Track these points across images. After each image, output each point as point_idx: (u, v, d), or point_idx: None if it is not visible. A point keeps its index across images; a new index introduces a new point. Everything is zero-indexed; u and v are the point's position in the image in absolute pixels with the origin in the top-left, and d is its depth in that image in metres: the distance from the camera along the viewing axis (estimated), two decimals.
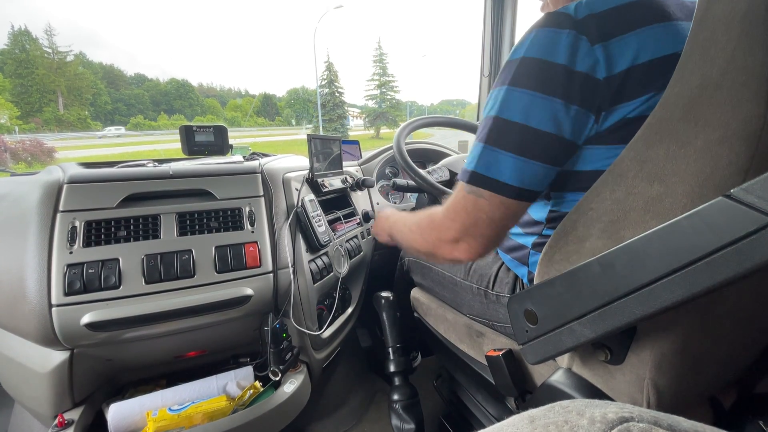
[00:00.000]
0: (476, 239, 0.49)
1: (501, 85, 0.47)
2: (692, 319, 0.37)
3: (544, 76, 0.43)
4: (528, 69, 0.44)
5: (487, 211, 0.47)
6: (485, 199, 0.47)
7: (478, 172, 0.47)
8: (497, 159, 0.46)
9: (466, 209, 0.49)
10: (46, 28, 34.13)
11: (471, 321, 0.73)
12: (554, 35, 0.43)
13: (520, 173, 0.45)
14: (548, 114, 0.43)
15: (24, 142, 11.77)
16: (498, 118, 0.46)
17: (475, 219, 0.48)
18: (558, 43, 0.43)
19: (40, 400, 0.68)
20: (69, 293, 0.63)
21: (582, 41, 0.42)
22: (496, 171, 0.46)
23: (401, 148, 0.97)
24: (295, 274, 0.81)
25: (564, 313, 0.41)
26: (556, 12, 0.44)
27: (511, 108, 0.45)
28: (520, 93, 0.45)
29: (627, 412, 0.17)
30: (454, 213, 0.50)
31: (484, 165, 0.47)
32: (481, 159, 0.47)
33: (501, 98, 0.46)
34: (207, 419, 0.69)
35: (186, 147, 0.99)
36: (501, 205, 0.47)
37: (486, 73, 1.54)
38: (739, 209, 0.27)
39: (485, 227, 0.48)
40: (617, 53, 0.41)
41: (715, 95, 0.32)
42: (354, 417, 1.09)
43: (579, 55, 0.42)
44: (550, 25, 0.44)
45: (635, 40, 0.41)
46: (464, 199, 0.49)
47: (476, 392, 0.79)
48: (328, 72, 27.95)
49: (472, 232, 0.49)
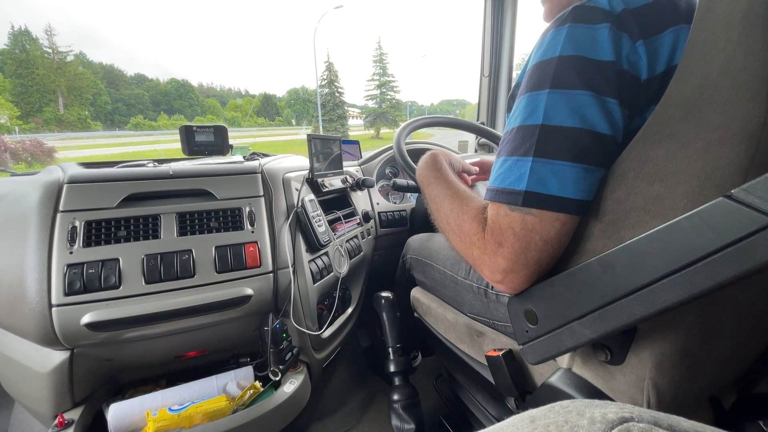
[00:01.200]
0: (527, 267, 0.42)
1: (537, 90, 0.41)
2: (692, 319, 0.37)
3: (592, 73, 0.38)
4: (571, 68, 0.39)
5: (540, 232, 0.40)
6: (536, 217, 0.40)
7: (532, 190, 0.40)
8: (555, 172, 0.39)
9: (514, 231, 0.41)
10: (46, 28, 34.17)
11: (471, 320, 0.73)
12: (591, 31, 0.39)
13: (582, 184, 0.39)
14: (602, 113, 0.38)
15: (24, 142, 11.78)
16: (545, 127, 0.40)
17: (527, 243, 0.41)
18: (598, 39, 0.38)
19: (40, 400, 0.68)
20: (69, 293, 0.63)
21: (624, 38, 0.38)
22: (556, 186, 0.39)
23: (401, 148, 0.97)
24: (295, 274, 0.81)
25: (564, 313, 0.41)
26: (585, 6, 0.40)
27: (560, 111, 0.39)
28: (569, 95, 0.39)
29: (627, 413, 0.17)
30: (500, 236, 0.42)
31: (538, 181, 0.40)
32: (533, 174, 0.40)
33: (544, 103, 0.40)
34: (207, 419, 0.69)
35: (186, 147, 0.99)
36: (557, 221, 0.40)
37: (486, 73, 1.54)
38: (740, 209, 0.27)
39: (539, 251, 0.41)
40: (658, 52, 0.38)
41: (715, 95, 0.32)
42: (354, 417, 1.09)
43: (623, 52, 0.38)
44: (581, 20, 0.39)
45: (670, 39, 0.38)
46: (508, 217, 0.42)
47: (476, 392, 0.79)
48: (328, 72, 27.96)
49: (523, 259, 0.42)
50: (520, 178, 0.41)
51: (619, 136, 0.39)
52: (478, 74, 1.59)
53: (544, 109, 0.40)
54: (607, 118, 0.38)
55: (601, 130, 0.38)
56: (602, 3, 0.39)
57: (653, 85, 0.39)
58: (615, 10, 0.38)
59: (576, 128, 0.38)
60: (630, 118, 0.40)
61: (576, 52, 0.39)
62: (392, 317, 0.94)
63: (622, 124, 0.39)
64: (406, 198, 1.44)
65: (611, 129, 0.39)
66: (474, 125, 1.21)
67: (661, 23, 0.39)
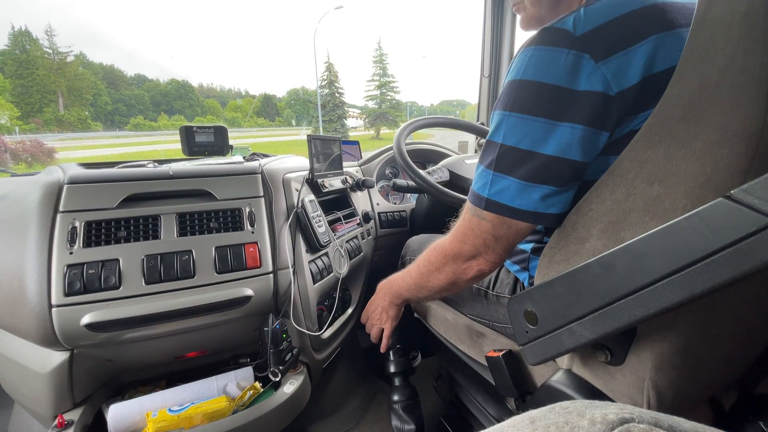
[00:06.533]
0: (487, 256, 0.52)
1: (502, 109, 0.46)
2: (692, 319, 0.37)
3: (545, 100, 0.42)
4: (527, 93, 0.43)
5: (492, 232, 0.49)
6: (489, 221, 0.49)
7: (492, 198, 0.48)
8: (507, 186, 0.46)
9: (473, 231, 0.51)
10: (46, 28, 34.21)
11: (471, 321, 0.73)
12: (552, 54, 0.41)
13: (528, 198, 0.45)
14: (555, 139, 0.42)
15: (24, 142, 11.79)
16: (503, 146, 0.46)
17: (483, 240, 0.51)
18: (557, 64, 0.41)
19: (40, 400, 0.68)
20: (69, 294, 0.63)
21: (585, 60, 0.40)
22: (506, 197, 0.46)
23: (401, 148, 0.97)
24: (295, 275, 0.81)
25: (564, 313, 0.41)
26: (552, 28, 0.42)
27: (515, 134, 0.44)
28: (522, 119, 0.44)
29: (627, 413, 0.17)
30: (463, 235, 0.53)
31: (495, 192, 0.47)
32: (493, 186, 0.47)
33: (504, 124, 0.45)
34: (207, 420, 0.69)
35: (186, 147, 0.99)
36: (504, 225, 0.48)
37: (486, 74, 1.54)
38: (740, 210, 0.27)
39: (494, 245, 0.51)
40: (626, 66, 0.40)
41: (715, 96, 0.32)
42: (354, 417, 1.09)
43: (582, 75, 0.40)
44: (546, 43, 0.42)
45: (644, 51, 0.40)
46: (470, 221, 0.52)
47: (476, 393, 0.79)
48: (328, 72, 27.98)
49: (483, 251, 0.52)
50: (484, 186, 0.48)
51: (573, 155, 0.43)
52: (478, 74, 1.59)
53: (504, 130, 0.46)
54: (556, 142, 0.42)
55: (550, 153, 0.43)
56: (568, 24, 0.41)
57: (628, 96, 0.40)
58: (577, 33, 0.40)
59: (527, 151, 0.44)
60: (608, 130, 0.42)
61: (535, 78, 0.42)
62: None
63: (579, 144, 0.42)
64: (406, 198, 1.44)
65: (559, 152, 0.42)
66: (474, 125, 1.22)
67: (632, 36, 0.40)
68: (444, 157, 1.34)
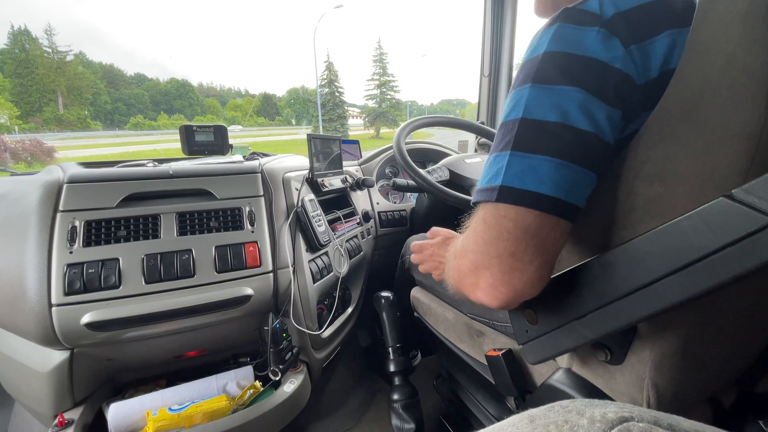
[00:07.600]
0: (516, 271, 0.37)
1: (521, 84, 0.39)
2: (692, 319, 0.37)
3: (574, 69, 0.36)
4: (554, 62, 0.37)
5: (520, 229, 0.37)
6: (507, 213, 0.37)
7: (507, 185, 0.37)
8: (532, 166, 0.36)
9: (500, 235, 0.37)
10: (45, 27, 34.13)
11: (471, 320, 0.73)
12: (579, 32, 0.37)
13: (563, 181, 0.36)
14: (584, 110, 0.36)
15: (24, 141, 11.76)
16: (525, 120, 0.37)
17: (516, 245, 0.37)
18: (586, 39, 0.37)
19: (40, 399, 0.68)
20: (69, 293, 0.63)
21: (614, 42, 0.36)
22: (533, 181, 0.36)
23: (401, 147, 0.97)
24: (295, 274, 0.81)
25: (564, 313, 0.41)
26: (576, 9, 0.38)
27: (541, 105, 0.37)
28: (548, 89, 0.37)
29: (627, 412, 0.17)
30: (484, 244, 0.38)
31: (514, 176, 0.37)
32: (510, 169, 0.37)
33: (525, 97, 0.38)
34: (207, 419, 0.69)
35: (186, 147, 0.99)
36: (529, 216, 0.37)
37: (486, 73, 1.54)
38: (740, 209, 0.27)
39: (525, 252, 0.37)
40: (650, 56, 0.37)
41: (715, 95, 0.32)
42: (354, 417, 1.09)
43: (614, 54, 0.36)
44: (572, 21, 0.38)
45: (664, 43, 0.37)
46: (486, 222, 0.39)
47: (476, 392, 0.79)
48: (328, 72, 27.95)
49: (510, 262, 0.37)
50: (497, 173, 0.38)
51: (606, 136, 0.37)
52: (478, 74, 1.59)
53: (525, 103, 0.38)
54: (589, 116, 0.36)
55: (584, 128, 0.36)
56: (593, 6, 0.38)
57: (648, 90, 0.37)
58: (605, 14, 0.37)
59: (557, 123, 0.36)
60: (624, 121, 0.38)
61: (562, 48, 0.37)
62: (392, 317, 0.94)
63: (608, 123, 0.37)
64: (406, 198, 1.44)
65: (593, 127, 0.36)
66: (474, 125, 1.21)
67: (654, 26, 0.37)
68: (444, 157, 1.33)
